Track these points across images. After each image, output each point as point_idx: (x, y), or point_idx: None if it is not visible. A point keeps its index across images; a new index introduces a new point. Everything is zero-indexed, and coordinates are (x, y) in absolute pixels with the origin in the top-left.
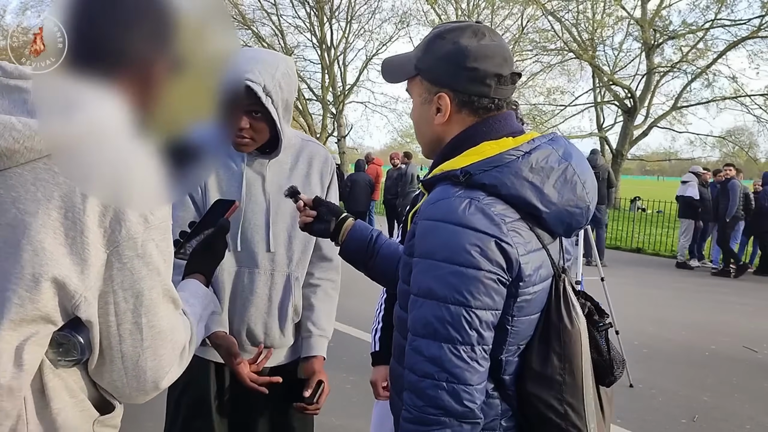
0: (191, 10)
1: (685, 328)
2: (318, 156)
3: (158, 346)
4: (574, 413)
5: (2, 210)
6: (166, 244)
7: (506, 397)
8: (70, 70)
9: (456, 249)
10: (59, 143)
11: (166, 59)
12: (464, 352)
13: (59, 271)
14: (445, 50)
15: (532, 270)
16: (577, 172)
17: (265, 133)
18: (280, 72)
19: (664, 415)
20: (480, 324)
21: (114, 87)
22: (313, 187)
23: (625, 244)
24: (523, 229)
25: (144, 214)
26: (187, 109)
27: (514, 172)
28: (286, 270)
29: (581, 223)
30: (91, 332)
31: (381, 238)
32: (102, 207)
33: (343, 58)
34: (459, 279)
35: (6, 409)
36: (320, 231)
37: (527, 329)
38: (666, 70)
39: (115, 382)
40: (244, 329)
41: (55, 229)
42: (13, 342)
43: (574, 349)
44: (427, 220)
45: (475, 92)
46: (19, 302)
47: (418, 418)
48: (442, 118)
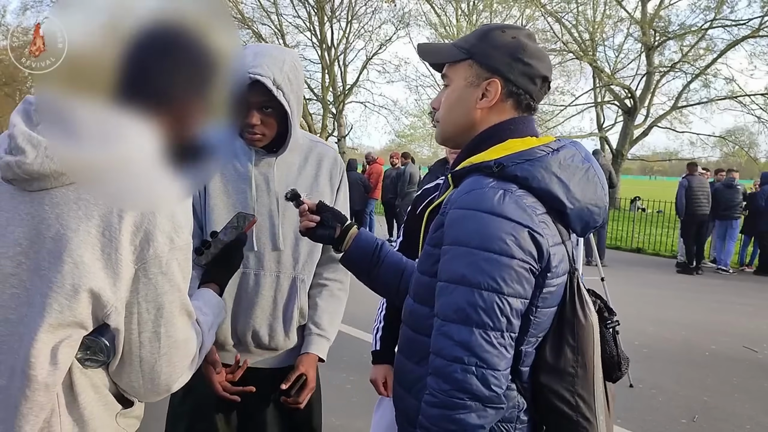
0: (197, 12)
1: (685, 328)
2: (327, 157)
3: (173, 354)
4: (585, 405)
5: (47, 225)
6: (187, 263)
7: (522, 390)
8: (117, 102)
9: (490, 237)
10: (97, 168)
11: (201, 102)
12: (494, 337)
13: (96, 283)
14: (505, 41)
15: (557, 262)
16: (597, 174)
17: (275, 129)
18: (287, 65)
19: (664, 415)
20: (511, 311)
21: (152, 122)
22: (322, 189)
23: (625, 244)
24: (549, 222)
25: (171, 236)
26: (203, 114)
27: (545, 166)
28: (292, 272)
29: (597, 222)
30: (117, 338)
31: (385, 247)
32: (134, 227)
33: (343, 58)
34: (492, 266)
35: (41, 402)
36: (323, 237)
37: (547, 321)
38: (666, 70)
39: (132, 383)
40: (249, 331)
41: (93, 245)
42: (50, 343)
43: (587, 343)
44: (460, 208)
45: (524, 87)
46: (59, 309)
47: (444, 402)
48: (487, 104)
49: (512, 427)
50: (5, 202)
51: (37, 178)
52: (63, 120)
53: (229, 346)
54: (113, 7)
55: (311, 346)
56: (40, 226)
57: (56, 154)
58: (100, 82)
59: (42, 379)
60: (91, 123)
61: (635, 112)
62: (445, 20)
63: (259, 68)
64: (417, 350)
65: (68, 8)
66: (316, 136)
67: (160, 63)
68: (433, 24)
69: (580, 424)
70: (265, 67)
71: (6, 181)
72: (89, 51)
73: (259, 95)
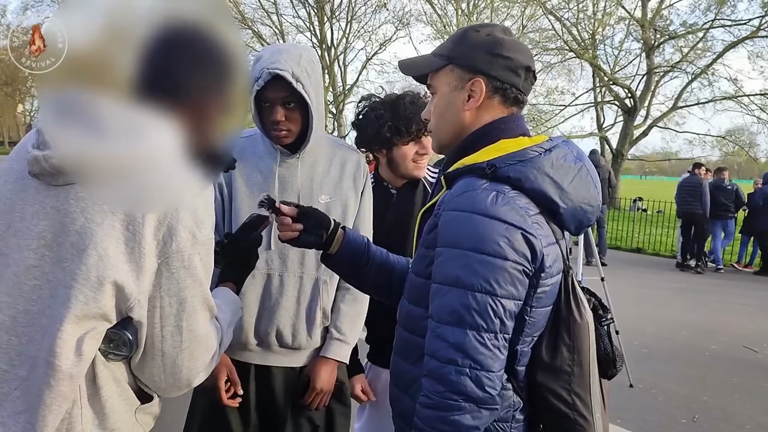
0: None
1: (685, 328)
2: (351, 160)
3: (194, 348)
4: (582, 403)
5: (72, 219)
6: (209, 258)
7: (518, 389)
8: (139, 98)
9: (484, 239)
10: (123, 164)
11: (220, 100)
12: (488, 339)
13: (120, 276)
14: (481, 40)
15: (551, 262)
16: (590, 173)
17: (299, 124)
18: (304, 59)
19: (664, 415)
20: (504, 312)
21: (173, 117)
22: (345, 192)
23: (625, 244)
24: (543, 223)
25: (193, 231)
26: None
27: (537, 167)
28: (315, 274)
29: (591, 221)
30: (140, 332)
31: (372, 246)
32: (158, 222)
33: (343, 58)
34: (486, 268)
35: (65, 392)
36: (307, 243)
37: (542, 321)
38: (666, 70)
39: (153, 377)
40: (273, 331)
41: (117, 239)
42: (75, 335)
43: (583, 341)
44: (454, 210)
45: (507, 80)
46: (84, 300)
47: (438, 403)
48: (475, 104)
49: (508, 427)
50: (31, 196)
51: (62, 172)
52: (86, 116)
53: (252, 346)
54: (120, 6)
55: (330, 350)
56: (65, 219)
57: (81, 149)
58: (118, 79)
59: (67, 369)
60: (113, 118)
61: (635, 112)
62: (445, 20)
63: (278, 63)
64: (413, 351)
65: (73, 8)
66: (340, 139)
67: (175, 58)
68: (434, 23)
69: (576, 422)
70: (282, 62)
71: (33, 176)
72: (105, 48)
73: (281, 90)
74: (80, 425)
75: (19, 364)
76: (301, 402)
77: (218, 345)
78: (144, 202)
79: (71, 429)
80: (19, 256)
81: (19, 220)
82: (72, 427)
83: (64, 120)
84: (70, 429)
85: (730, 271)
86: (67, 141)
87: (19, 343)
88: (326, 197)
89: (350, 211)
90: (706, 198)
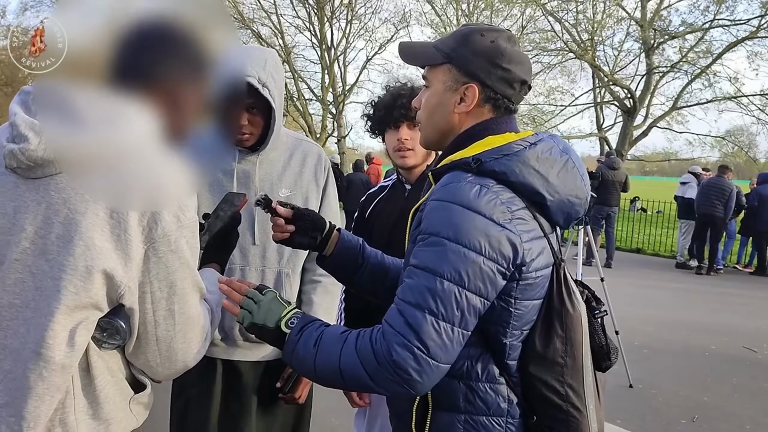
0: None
1: (685, 328)
2: (311, 154)
3: (188, 330)
4: (575, 395)
5: (55, 210)
6: (195, 241)
7: (511, 383)
8: (113, 86)
9: (462, 230)
10: (102, 152)
11: (193, 86)
12: (444, 328)
13: (108, 264)
14: (484, 46)
15: (534, 255)
16: (577, 165)
17: (261, 127)
18: (269, 64)
19: (664, 415)
20: (467, 306)
21: (147, 104)
22: (306, 186)
23: (625, 244)
24: (527, 217)
25: (177, 215)
26: (200, 115)
27: (522, 160)
28: (277, 267)
29: (579, 214)
30: (132, 318)
31: (367, 248)
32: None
33: (343, 58)
34: (459, 258)
35: (58, 383)
36: (301, 245)
37: (530, 313)
38: (666, 71)
39: (149, 362)
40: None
41: (102, 227)
42: (68, 325)
43: (576, 332)
44: (437, 200)
45: (501, 92)
46: (74, 291)
47: (378, 361)
48: (465, 108)
49: (503, 421)
50: (10, 192)
51: (41, 164)
52: (61, 106)
53: (217, 341)
54: (111, 4)
55: None
56: (48, 211)
57: (59, 139)
58: (93, 68)
59: (59, 360)
60: (89, 107)
61: (635, 113)
62: (445, 20)
63: (244, 70)
64: None
65: (67, 7)
66: (300, 134)
67: (150, 49)
68: (434, 23)
69: (570, 414)
70: (249, 68)
71: (10, 170)
72: (81, 39)
73: (248, 96)
74: (73, 415)
75: (3, 357)
76: (288, 397)
77: (210, 325)
78: (127, 192)
79: (64, 419)
80: (0, 251)
81: (0, 216)
82: (65, 416)
83: (41, 111)
84: (64, 419)
85: (730, 271)
86: (43, 132)
87: (4, 336)
88: (286, 191)
89: (311, 204)
90: (732, 203)
